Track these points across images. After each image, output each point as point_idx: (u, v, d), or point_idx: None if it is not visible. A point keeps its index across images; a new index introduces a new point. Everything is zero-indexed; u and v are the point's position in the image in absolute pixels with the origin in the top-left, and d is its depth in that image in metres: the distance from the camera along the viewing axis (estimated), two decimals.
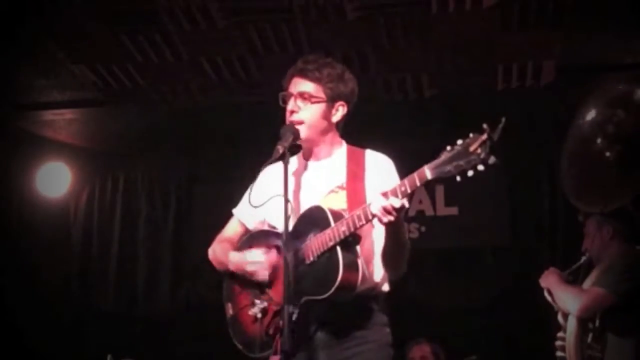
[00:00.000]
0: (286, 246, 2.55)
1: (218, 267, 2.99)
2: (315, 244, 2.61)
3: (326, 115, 2.82)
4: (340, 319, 2.66)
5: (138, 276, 6.24)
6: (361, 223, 2.53)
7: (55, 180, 6.25)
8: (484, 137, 2.26)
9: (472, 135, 2.29)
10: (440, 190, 5.89)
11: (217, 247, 3.01)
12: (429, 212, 5.90)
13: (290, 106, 2.81)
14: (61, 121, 5.76)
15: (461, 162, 2.28)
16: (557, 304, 3.80)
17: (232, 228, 3.05)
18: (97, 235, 6.37)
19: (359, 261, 2.61)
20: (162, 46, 4.58)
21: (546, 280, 3.89)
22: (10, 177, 5.93)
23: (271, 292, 2.76)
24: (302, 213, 2.70)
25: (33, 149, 6.04)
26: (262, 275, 2.75)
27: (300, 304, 2.54)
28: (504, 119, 2.24)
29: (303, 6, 4.21)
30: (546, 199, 5.68)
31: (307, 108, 2.79)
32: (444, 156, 2.33)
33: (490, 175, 2.30)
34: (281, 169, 2.64)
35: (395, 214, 2.45)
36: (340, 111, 2.85)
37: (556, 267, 3.95)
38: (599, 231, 3.84)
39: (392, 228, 2.57)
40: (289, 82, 2.86)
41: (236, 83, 5.00)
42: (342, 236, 2.55)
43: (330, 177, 2.82)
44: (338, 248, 2.56)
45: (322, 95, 2.80)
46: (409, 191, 2.44)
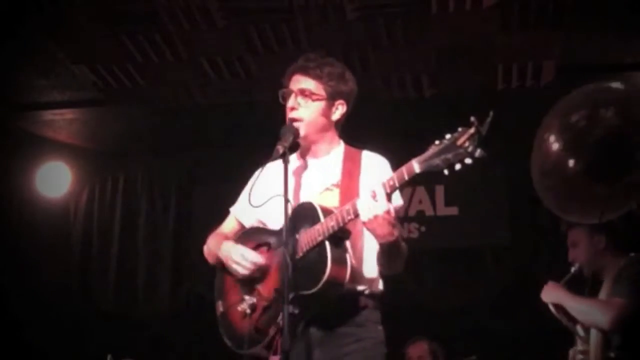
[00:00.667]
0: (286, 245, 2.55)
1: (210, 260, 3.00)
2: (304, 240, 2.62)
3: (326, 113, 2.83)
4: (332, 316, 2.67)
5: (138, 276, 6.24)
6: (349, 218, 2.54)
7: (55, 180, 6.25)
8: (472, 131, 2.27)
9: (461, 129, 2.31)
10: (440, 190, 5.89)
11: (212, 241, 3.01)
12: (429, 212, 5.90)
13: (290, 103, 2.82)
14: (61, 121, 5.76)
15: (449, 156, 2.29)
16: (572, 317, 3.68)
17: (229, 225, 3.06)
18: (97, 235, 6.37)
19: (348, 256, 2.61)
20: (162, 46, 4.58)
21: (551, 295, 3.76)
22: (10, 177, 5.93)
23: (260, 289, 2.76)
24: (293, 209, 2.69)
25: (33, 149, 6.04)
26: (242, 268, 2.75)
27: (290, 300, 2.53)
28: (492, 113, 2.25)
29: (303, 6, 4.22)
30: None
31: (308, 105, 2.80)
32: (432, 150, 2.35)
33: (490, 175, 2.31)
34: (279, 168, 2.64)
35: (378, 213, 2.45)
36: (339, 110, 2.86)
37: (556, 268, 3.92)
38: (591, 241, 3.78)
39: (387, 246, 2.57)
40: (289, 79, 2.87)
41: (236, 83, 5.00)
42: (331, 231, 2.56)
43: (326, 175, 2.82)
44: (326, 243, 2.56)
45: (323, 93, 2.81)
46: (397, 185, 2.45)
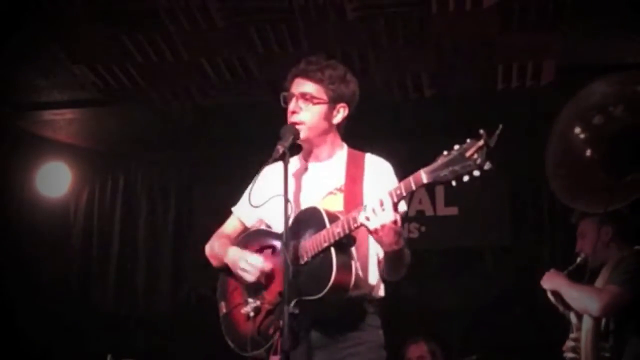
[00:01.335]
0: (286, 246, 2.55)
1: (214, 263, 2.99)
2: (309, 245, 2.62)
3: (327, 116, 2.83)
4: (334, 320, 2.68)
5: (138, 276, 6.24)
6: (356, 225, 2.54)
7: (55, 180, 6.25)
8: (481, 143, 2.27)
9: (469, 140, 2.31)
10: (440, 190, 5.89)
11: (215, 243, 3.01)
12: (429, 212, 5.90)
13: (291, 107, 2.82)
14: (61, 121, 5.76)
15: (457, 168, 2.30)
16: (568, 304, 3.75)
17: (231, 225, 3.06)
18: (97, 235, 6.37)
19: (353, 263, 2.62)
20: (162, 46, 4.58)
21: (551, 281, 3.84)
22: (10, 177, 5.93)
23: (264, 292, 2.77)
24: (298, 214, 2.70)
25: (33, 149, 6.04)
26: (250, 276, 2.76)
27: (294, 304, 2.53)
28: (501, 126, 2.25)
29: (303, 6, 4.21)
30: (546, 199, 5.67)
31: (309, 109, 2.80)
32: (440, 161, 2.35)
33: (490, 175, 2.31)
34: (281, 169, 2.64)
35: (385, 223, 2.45)
36: (341, 113, 2.86)
37: (556, 267, 3.94)
38: (598, 232, 3.83)
39: (392, 254, 2.58)
40: (291, 83, 2.87)
41: (236, 83, 5.00)
42: (337, 237, 2.56)
43: (329, 179, 2.83)
44: (332, 249, 2.56)
45: (324, 96, 2.81)
46: (404, 194, 2.46)
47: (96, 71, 4.89)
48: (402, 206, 2.70)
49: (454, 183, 2.32)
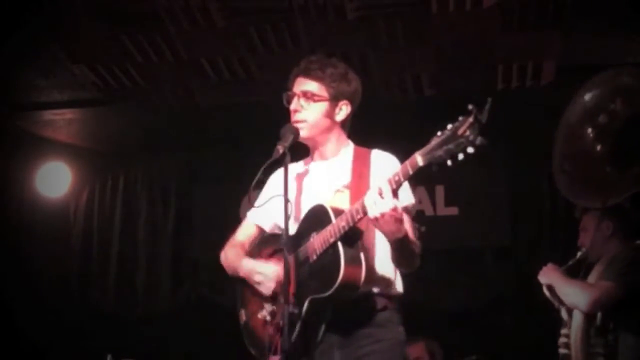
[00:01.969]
0: (287, 246, 2.56)
1: (229, 273, 2.98)
2: (317, 242, 2.62)
3: (329, 114, 2.84)
4: (352, 319, 2.66)
5: (138, 276, 6.24)
6: (359, 216, 2.52)
7: (55, 180, 6.25)
8: (472, 119, 2.26)
9: (461, 118, 2.30)
10: (440, 190, 5.89)
11: (230, 252, 3.00)
12: (429, 212, 5.89)
13: (293, 105, 2.83)
14: (61, 121, 5.76)
15: (451, 146, 2.28)
16: (561, 300, 3.77)
17: (245, 231, 3.04)
18: (97, 235, 6.37)
19: (362, 255, 2.59)
20: (162, 46, 4.58)
21: (547, 276, 3.86)
22: (10, 177, 5.93)
23: (280, 295, 2.75)
24: (306, 213, 2.70)
25: (33, 149, 6.04)
26: (266, 288, 2.76)
27: (307, 304, 2.55)
28: (490, 99, 2.24)
29: (303, 6, 4.22)
30: (546, 199, 5.67)
31: (310, 107, 2.81)
32: (434, 142, 2.33)
33: (490, 175, 2.30)
34: (290, 172, 2.66)
35: (384, 211, 2.44)
36: (344, 110, 2.86)
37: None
38: (599, 227, 3.83)
39: (396, 243, 2.57)
40: (293, 82, 2.88)
41: (236, 83, 5.00)
42: (342, 231, 2.55)
43: (336, 177, 2.83)
44: (339, 244, 2.55)
45: (325, 94, 2.82)
46: (402, 180, 2.44)
47: (96, 71, 4.89)
48: (410, 198, 2.71)
49: (450, 162, 2.28)
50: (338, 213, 2.60)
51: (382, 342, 2.68)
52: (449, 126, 2.32)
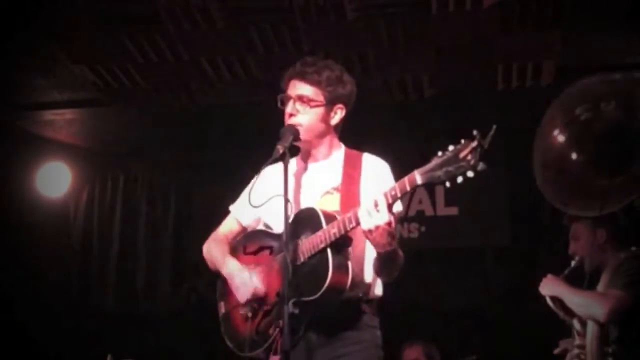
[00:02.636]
0: (287, 246, 2.56)
1: (211, 267, 3.01)
2: (306, 246, 2.62)
3: (324, 118, 2.83)
4: (331, 320, 2.68)
5: (138, 276, 6.24)
6: (351, 225, 2.54)
7: (55, 180, 6.26)
8: (474, 144, 2.27)
9: (463, 141, 2.30)
10: (440, 190, 5.88)
11: (213, 246, 3.01)
12: (429, 212, 5.90)
13: (288, 109, 2.82)
14: (61, 121, 5.76)
15: (451, 168, 2.30)
16: (570, 311, 3.70)
17: (228, 225, 3.06)
18: (97, 235, 6.37)
19: (349, 263, 2.61)
20: (162, 46, 4.58)
21: (549, 287, 3.77)
22: (10, 177, 5.93)
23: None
24: (296, 214, 2.69)
25: (33, 149, 6.04)
26: (242, 295, 2.77)
27: (291, 304, 2.53)
28: (495, 127, 2.25)
29: (303, 6, 4.22)
30: (546, 199, 5.66)
31: (306, 111, 2.80)
32: (435, 162, 2.35)
33: (490, 175, 2.31)
34: (280, 169, 2.64)
35: (378, 224, 2.45)
36: (338, 114, 2.86)
37: (556, 268, 3.91)
38: (593, 235, 3.79)
39: (385, 255, 2.58)
40: (287, 85, 2.86)
41: (236, 83, 5.00)
42: (333, 238, 2.56)
43: (326, 179, 2.83)
44: (328, 250, 2.57)
45: (321, 98, 2.80)
46: (399, 195, 2.45)
47: (96, 71, 4.89)
48: (398, 206, 2.70)
49: (448, 184, 2.32)
50: (329, 218, 2.61)
51: (359, 344, 2.71)
52: (451, 147, 2.33)
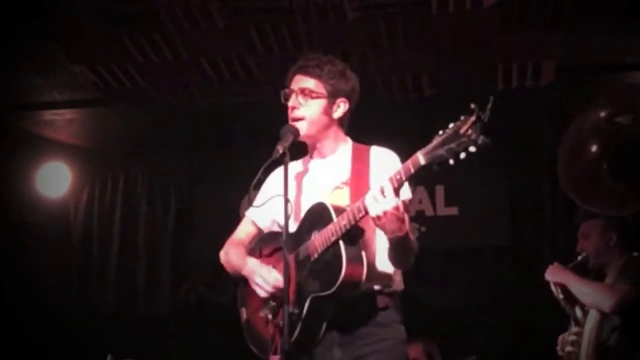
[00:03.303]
0: (287, 246, 2.55)
1: (230, 271, 2.97)
2: (318, 241, 2.62)
3: (327, 111, 2.84)
4: (354, 317, 2.66)
5: (138, 276, 6.24)
6: (360, 215, 2.52)
7: (55, 180, 6.25)
8: (474, 119, 2.26)
9: (463, 117, 2.30)
10: (440, 190, 5.89)
11: (231, 251, 2.99)
12: (429, 212, 5.90)
13: (291, 102, 2.84)
14: (61, 121, 5.76)
15: (453, 145, 2.28)
16: (574, 298, 3.76)
17: (244, 230, 3.04)
18: (97, 235, 6.37)
19: (363, 254, 2.59)
20: (162, 46, 4.58)
21: (557, 274, 3.84)
22: (10, 177, 5.93)
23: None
24: (307, 211, 2.70)
25: (33, 149, 6.04)
26: (262, 292, 2.75)
27: (309, 302, 2.55)
28: (492, 98, 2.24)
29: (303, 6, 4.22)
30: (546, 199, 5.67)
31: (308, 104, 2.82)
32: (436, 141, 2.33)
33: (490, 175, 2.30)
34: (291, 169, 2.65)
35: (386, 209, 2.44)
36: (341, 107, 2.86)
37: None
38: (603, 236, 3.85)
39: (396, 241, 2.57)
40: (291, 80, 2.89)
41: (236, 83, 5.00)
42: (344, 230, 2.55)
43: (335, 174, 2.83)
44: (341, 242, 2.55)
45: (323, 91, 2.82)
46: (404, 179, 2.44)
47: (96, 71, 4.89)
48: (407, 193, 2.70)
49: (452, 161, 2.29)
50: (339, 211, 2.60)
51: (385, 342, 2.67)
52: (451, 125, 2.32)
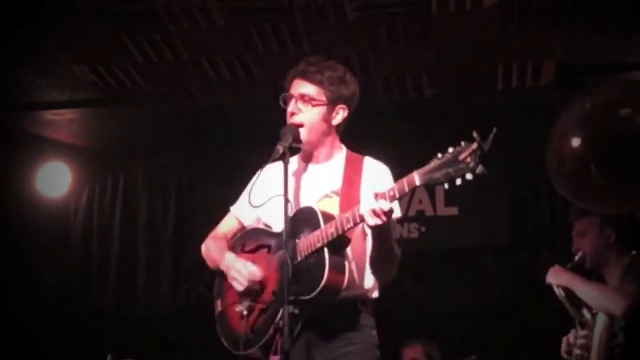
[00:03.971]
0: (286, 246, 2.56)
1: (210, 265, 3.01)
2: (303, 245, 2.62)
3: (326, 118, 2.83)
4: (328, 320, 2.68)
5: (138, 276, 6.23)
6: (349, 225, 2.54)
7: (55, 180, 6.25)
8: (474, 147, 2.27)
9: (463, 143, 2.30)
10: (440, 190, 5.88)
11: (212, 244, 3.01)
12: (429, 212, 5.90)
13: (290, 108, 2.82)
14: (61, 121, 5.76)
15: (450, 170, 2.29)
16: (582, 301, 3.70)
17: (227, 224, 3.06)
18: (97, 235, 6.36)
19: (346, 264, 2.61)
20: (162, 46, 4.58)
21: (560, 277, 3.78)
22: (10, 177, 5.92)
23: (260, 294, 2.76)
24: (295, 213, 2.69)
25: (33, 149, 6.04)
26: (238, 284, 2.77)
27: (290, 301, 2.54)
28: (495, 129, 2.25)
29: (303, 6, 4.22)
30: (546, 199, 5.67)
31: (308, 110, 2.80)
32: (434, 163, 2.34)
33: (490, 175, 2.30)
34: (281, 169, 2.64)
35: (382, 217, 2.45)
36: (340, 114, 2.86)
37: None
38: (601, 234, 3.80)
39: (379, 235, 2.58)
40: (290, 84, 2.87)
41: (236, 83, 5.00)
42: (330, 237, 2.56)
43: (327, 181, 2.83)
44: (325, 250, 2.57)
45: (323, 97, 2.81)
46: (397, 196, 2.45)
47: (96, 71, 4.89)
48: (396, 212, 2.68)
49: (447, 186, 2.32)
50: (327, 218, 2.61)
51: (357, 345, 2.71)
52: (450, 149, 2.32)
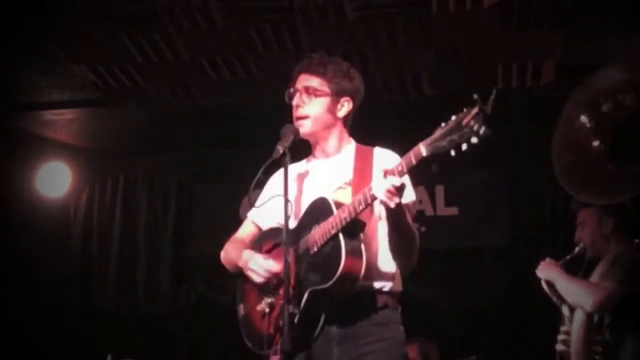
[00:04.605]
0: (286, 246, 2.56)
1: (229, 268, 2.99)
2: (318, 234, 2.62)
3: (331, 109, 2.85)
4: (353, 314, 2.66)
5: (138, 276, 6.24)
6: (361, 207, 2.53)
7: (55, 180, 6.26)
8: (476, 110, 2.25)
9: (465, 109, 2.29)
10: (440, 190, 5.89)
11: (230, 247, 3.01)
12: (429, 212, 5.89)
13: (295, 101, 2.86)
14: (61, 121, 5.76)
15: (455, 137, 2.26)
16: (563, 297, 3.73)
17: (246, 230, 3.06)
18: (97, 235, 6.37)
19: (363, 247, 2.59)
20: (162, 46, 4.58)
21: (546, 271, 3.82)
22: (10, 177, 5.93)
23: (279, 288, 2.75)
24: (309, 205, 2.71)
25: (33, 149, 6.05)
26: (257, 278, 2.77)
27: (307, 295, 2.55)
28: (495, 90, 2.24)
29: (303, 6, 4.22)
30: (546, 199, 5.67)
31: (312, 102, 2.84)
32: (438, 132, 2.32)
33: (490, 175, 2.30)
34: (292, 171, 2.68)
35: (394, 192, 2.43)
36: (345, 106, 2.88)
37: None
38: (599, 223, 3.80)
39: (395, 217, 2.55)
40: (295, 79, 2.91)
41: (236, 83, 5.00)
42: (344, 222, 2.55)
43: (338, 174, 2.83)
44: (340, 235, 2.56)
45: (327, 89, 2.84)
46: (406, 170, 2.42)
47: (96, 71, 4.89)
48: (411, 195, 2.68)
49: (453, 153, 2.27)
50: (340, 205, 2.60)
51: (383, 342, 2.68)
52: (453, 117, 2.31)
